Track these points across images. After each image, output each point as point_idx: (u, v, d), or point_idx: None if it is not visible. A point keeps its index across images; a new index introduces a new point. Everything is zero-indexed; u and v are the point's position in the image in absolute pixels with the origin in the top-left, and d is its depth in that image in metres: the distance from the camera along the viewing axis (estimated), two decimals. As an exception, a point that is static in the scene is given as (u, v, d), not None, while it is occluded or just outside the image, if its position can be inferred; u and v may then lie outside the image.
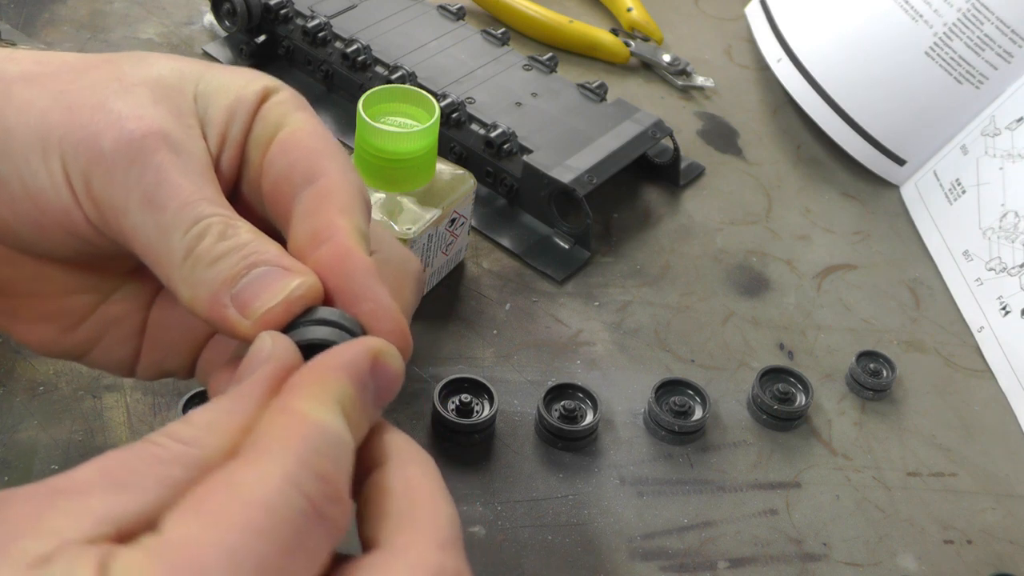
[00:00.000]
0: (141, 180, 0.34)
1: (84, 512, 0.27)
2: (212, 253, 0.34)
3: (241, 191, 0.38)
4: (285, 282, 0.33)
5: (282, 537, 0.27)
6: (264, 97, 0.38)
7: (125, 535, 0.27)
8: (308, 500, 0.27)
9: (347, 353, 0.31)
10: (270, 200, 0.37)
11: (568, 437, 0.52)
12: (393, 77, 0.64)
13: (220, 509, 0.27)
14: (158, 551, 0.26)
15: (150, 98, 0.36)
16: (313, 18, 0.68)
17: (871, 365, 0.57)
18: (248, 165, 0.37)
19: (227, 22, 0.70)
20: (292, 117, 0.37)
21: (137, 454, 0.28)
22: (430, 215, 0.54)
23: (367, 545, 0.30)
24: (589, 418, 0.52)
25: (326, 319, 0.33)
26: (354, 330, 0.33)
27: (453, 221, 0.56)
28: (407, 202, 0.54)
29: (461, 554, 0.30)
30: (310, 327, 0.33)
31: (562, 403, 0.53)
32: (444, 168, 0.56)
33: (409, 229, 0.53)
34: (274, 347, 0.32)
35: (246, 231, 0.34)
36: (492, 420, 0.51)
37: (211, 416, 0.30)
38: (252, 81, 0.38)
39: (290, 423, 0.29)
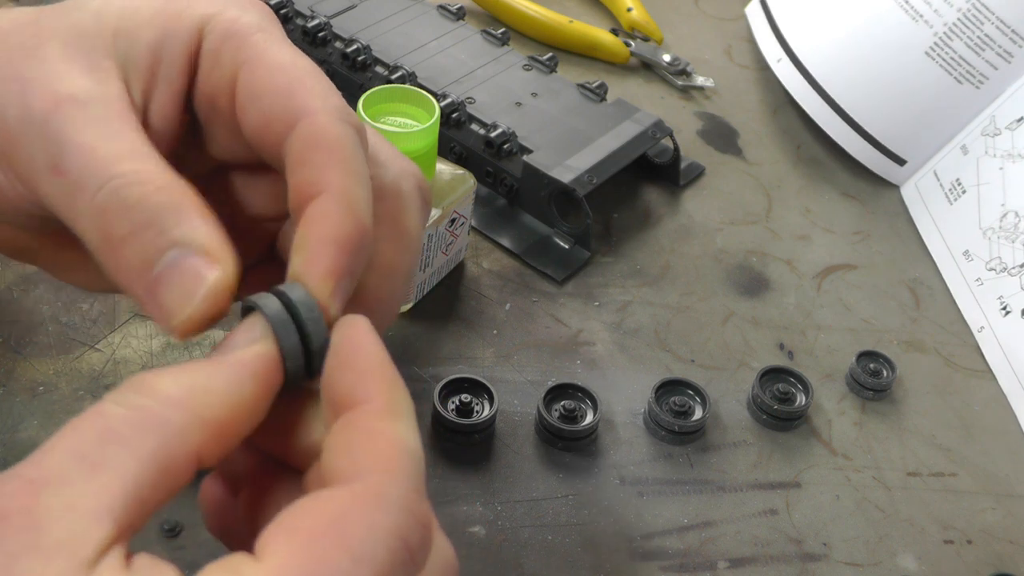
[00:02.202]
0: (45, 148, 0.32)
1: (75, 510, 0.26)
2: (118, 231, 0.31)
3: (204, 135, 0.36)
4: (201, 277, 0.31)
5: None
6: (201, 29, 0.34)
7: (124, 529, 0.26)
8: (407, 549, 0.27)
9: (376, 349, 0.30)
10: (260, 150, 0.34)
11: (568, 437, 0.52)
12: (393, 77, 0.64)
13: (324, 551, 0.26)
14: None
15: (61, 54, 0.33)
16: (313, 18, 0.68)
17: (871, 365, 0.57)
18: (218, 113, 0.35)
19: (227, 22, 0.70)
20: (246, 51, 0.34)
21: (101, 425, 0.27)
22: (430, 215, 0.54)
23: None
24: (589, 418, 0.52)
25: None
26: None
27: (453, 221, 0.56)
28: (407, 202, 0.54)
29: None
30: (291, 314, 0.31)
31: (562, 403, 0.53)
32: (444, 168, 0.56)
33: (409, 229, 0.53)
34: (264, 332, 0.30)
35: (157, 193, 0.31)
36: (492, 420, 0.51)
37: (190, 381, 0.29)
38: (186, 10, 0.34)
39: (388, 451, 0.28)
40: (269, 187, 0.37)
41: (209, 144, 0.37)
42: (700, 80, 0.77)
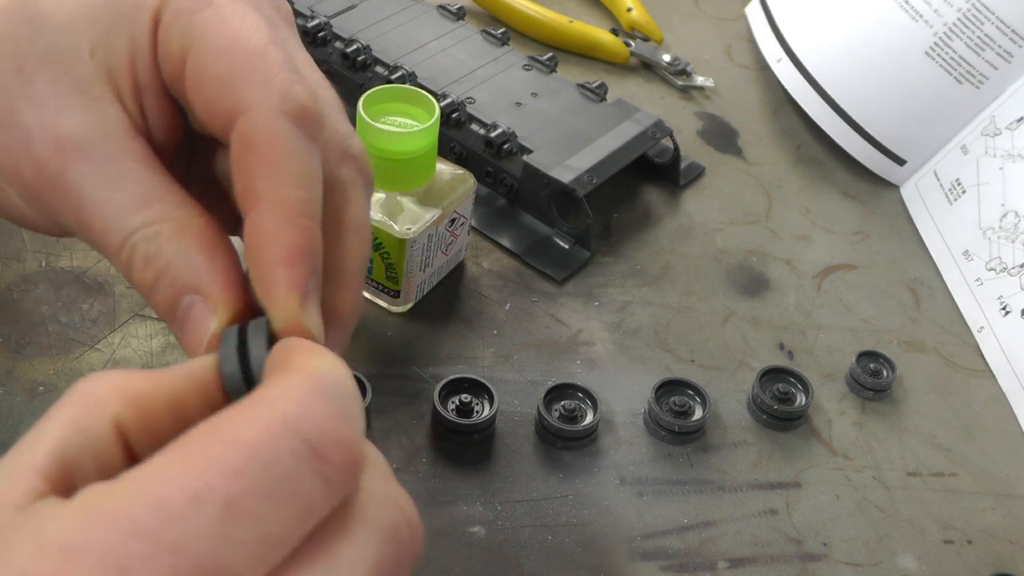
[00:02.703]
0: (67, 206, 0.34)
1: (7, 472, 0.27)
2: (145, 282, 0.34)
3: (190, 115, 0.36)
4: (206, 324, 0.33)
5: (263, 479, 0.25)
6: (159, 9, 0.34)
7: (56, 481, 0.27)
8: (304, 442, 0.26)
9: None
10: (216, 138, 0.34)
11: (568, 437, 0.52)
12: (393, 77, 0.64)
13: (195, 451, 0.26)
14: (97, 498, 0.26)
15: (52, 90, 0.34)
16: (313, 18, 0.68)
17: (871, 365, 0.57)
18: (182, 96, 0.35)
19: (227, 22, 0.70)
20: (192, 31, 0.33)
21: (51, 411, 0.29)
22: (430, 215, 0.54)
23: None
24: (589, 418, 0.52)
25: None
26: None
27: (453, 221, 0.56)
28: (407, 202, 0.54)
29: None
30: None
31: (562, 403, 0.53)
32: (444, 168, 0.56)
33: (409, 229, 0.53)
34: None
35: (168, 242, 0.33)
36: (492, 420, 0.51)
37: (126, 370, 0.30)
38: (142, 2, 0.34)
39: (290, 375, 0.28)
40: None
41: (191, 120, 0.37)
42: (700, 80, 0.77)
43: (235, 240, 0.35)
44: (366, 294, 0.57)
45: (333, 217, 0.35)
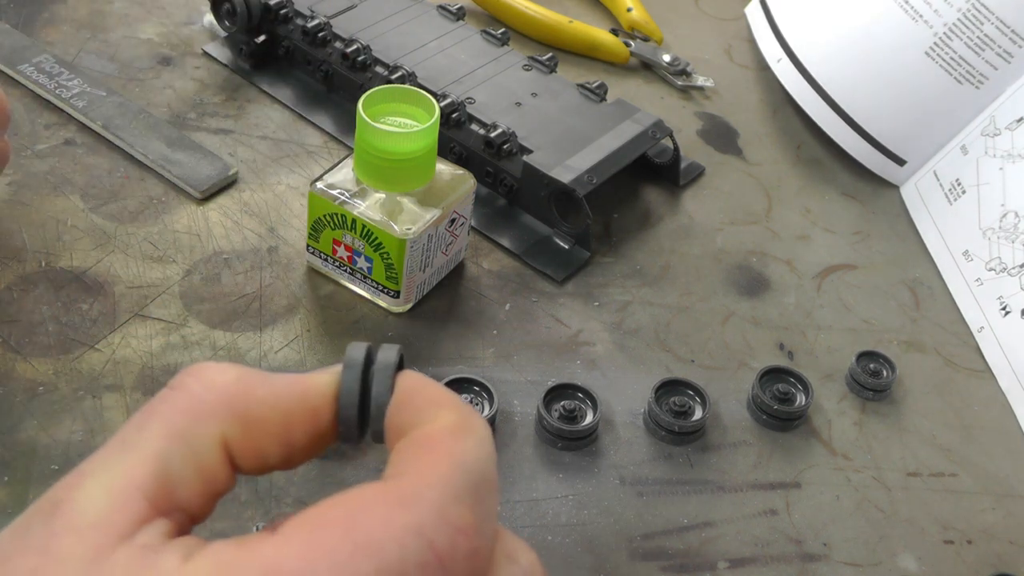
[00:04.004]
0: None
1: (109, 491, 0.28)
2: None
3: None
4: None
5: None
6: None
7: (159, 503, 0.28)
8: (436, 556, 0.26)
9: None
10: None
11: (568, 437, 0.52)
12: (393, 77, 0.64)
13: (327, 545, 0.26)
14: (226, 571, 0.26)
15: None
16: (313, 18, 0.68)
17: (871, 365, 0.57)
18: None
19: (227, 22, 0.70)
20: None
21: (146, 407, 0.29)
22: (430, 215, 0.54)
23: None
24: (589, 418, 0.52)
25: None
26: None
27: (453, 221, 0.56)
28: (407, 202, 0.54)
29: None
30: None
31: (562, 403, 0.53)
32: (444, 168, 0.56)
33: (409, 229, 0.53)
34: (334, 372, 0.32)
35: None
36: (492, 420, 0.51)
37: (238, 374, 0.30)
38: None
39: (430, 462, 0.28)
40: None
41: None
42: (700, 80, 0.77)
43: None
44: (366, 294, 0.57)
45: None
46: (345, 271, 0.56)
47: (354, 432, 0.31)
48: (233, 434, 0.30)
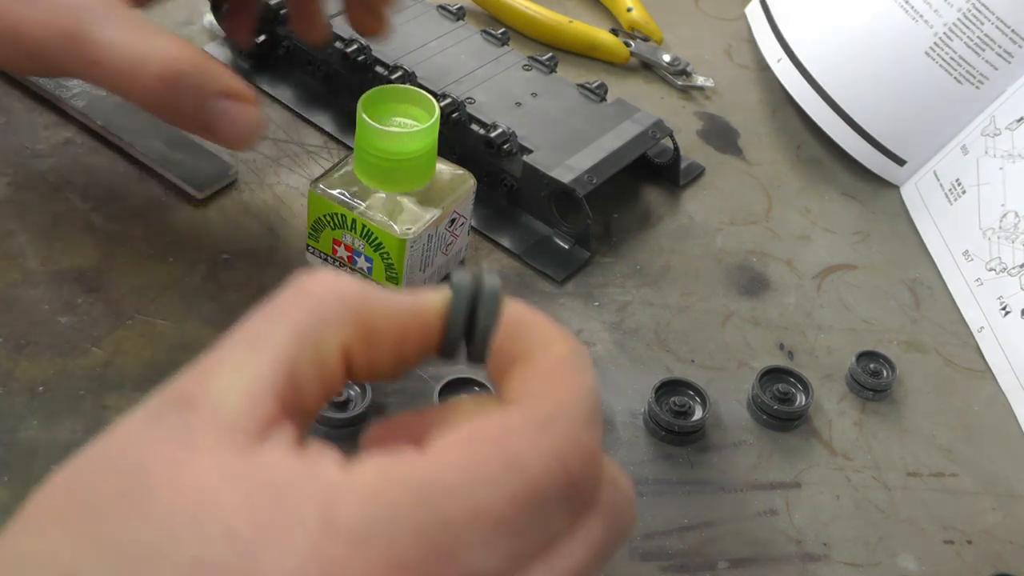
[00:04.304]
0: (74, 51, 0.48)
1: (241, 389, 0.28)
2: (171, 94, 0.49)
3: None
4: (246, 115, 0.50)
5: (532, 507, 0.28)
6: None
7: (288, 404, 0.29)
8: (570, 480, 0.29)
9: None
10: None
11: (568, 437, 0.52)
12: (393, 77, 0.64)
13: (481, 466, 0.28)
14: (387, 486, 0.27)
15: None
16: (313, 18, 0.68)
17: (871, 365, 0.57)
18: None
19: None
20: None
21: (269, 306, 0.31)
22: (430, 215, 0.54)
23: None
24: (589, 418, 0.52)
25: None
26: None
27: (453, 221, 0.56)
28: (407, 202, 0.54)
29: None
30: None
31: (562, 403, 0.53)
32: (444, 168, 0.56)
33: (409, 229, 0.53)
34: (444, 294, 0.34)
35: (192, 58, 0.50)
36: (492, 420, 0.51)
37: (359, 284, 0.31)
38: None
39: (562, 393, 0.30)
40: None
41: None
42: (700, 80, 0.77)
43: None
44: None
45: None
46: (345, 271, 0.56)
47: (456, 351, 0.33)
48: (354, 342, 0.31)
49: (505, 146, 0.62)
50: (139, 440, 0.28)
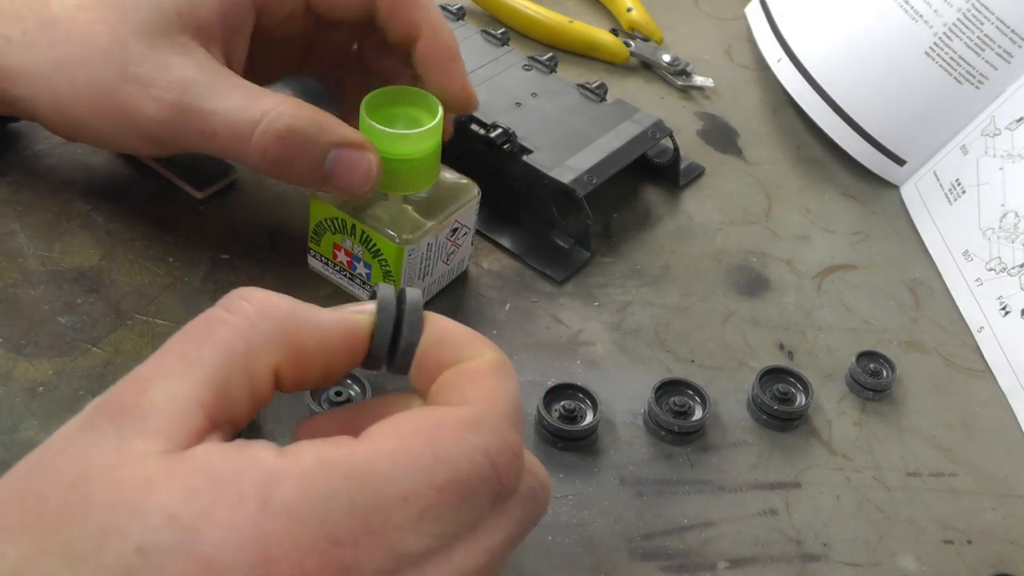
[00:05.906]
0: (191, 125, 0.49)
1: (175, 401, 0.31)
2: (282, 157, 0.49)
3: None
4: (365, 164, 0.51)
5: (458, 495, 0.31)
6: None
7: (216, 419, 0.31)
8: (495, 473, 0.32)
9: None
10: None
11: (568, 437, 0.52)
12: (393, 77, 0.64)
13: (412, 459, 0.30)
14: (322, 468, 0.30)
15: (149, 49, 0.49)
16: (313, 18, 0.68)
17: (871, 365, 0.58)
18: None
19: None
20: None
21: (203, 327, 0.33)
22: (430, 224, 0.53)
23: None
24: (589, 418, 0.52)
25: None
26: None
27: (455, 231, 0.55)
28: (408, 209, 0.53)
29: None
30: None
31: (562, 403, 0.53)
32: (448, 176, 0.55)
33: (408, 237, 0.53)
34: (370, 309, 0.37)
35: (294, 119, 0.49)
36: (492, 420, 0.51)
37: (289, 304, 0.34)
38: None
39: (487, 395, 0.34)
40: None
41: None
42: (700, 80, 0.77)
43: None
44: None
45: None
46: (345, 275, 0.56)
47: (381, 363, 0.36)
48: (284, 361, 0.33)
49: (505, 146, 0.62)
50: (76, 449, 0.30)
